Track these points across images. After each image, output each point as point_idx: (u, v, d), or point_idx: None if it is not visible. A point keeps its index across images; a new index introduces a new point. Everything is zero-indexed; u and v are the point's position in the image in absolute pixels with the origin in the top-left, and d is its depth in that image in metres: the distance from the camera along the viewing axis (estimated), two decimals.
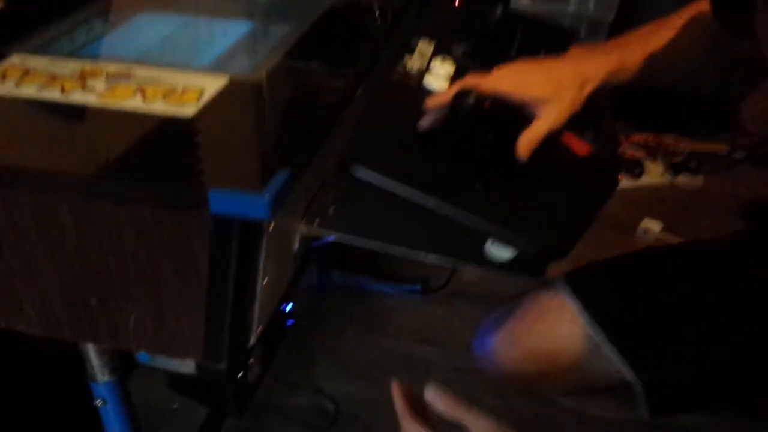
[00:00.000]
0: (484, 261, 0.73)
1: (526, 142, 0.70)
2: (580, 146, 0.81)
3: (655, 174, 1.79)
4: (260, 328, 0.74)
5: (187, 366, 0.85)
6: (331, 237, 0.76)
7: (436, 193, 0.69)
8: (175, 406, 1.27)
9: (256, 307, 0.70)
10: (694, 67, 0.87)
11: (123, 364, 0.85)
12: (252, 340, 0.73)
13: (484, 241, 0.71)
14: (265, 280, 0.70)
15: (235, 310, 0.68)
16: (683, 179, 1.80)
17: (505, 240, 0.69)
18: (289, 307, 1.01)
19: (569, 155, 0.79)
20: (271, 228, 0.66)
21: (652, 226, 1.63)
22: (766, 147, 1.86)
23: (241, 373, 0.89)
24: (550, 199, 0.74)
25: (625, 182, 1.79)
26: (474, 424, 0.66)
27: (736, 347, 0.74)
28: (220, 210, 0.59)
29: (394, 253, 0.74)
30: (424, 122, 0.75)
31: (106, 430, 0.86)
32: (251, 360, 0.92)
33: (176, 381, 0.98)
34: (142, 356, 0.85)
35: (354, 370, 1.38)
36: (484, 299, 1.52)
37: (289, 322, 1.02)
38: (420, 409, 0.72)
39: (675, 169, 1.80)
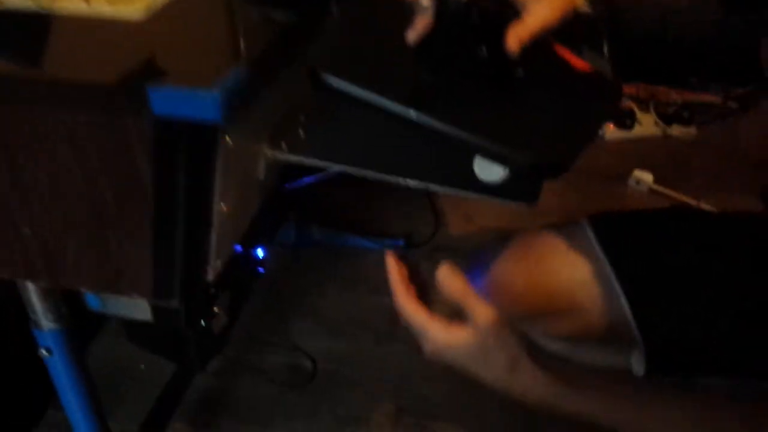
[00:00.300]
0: (470, 184, 0.65)
1: (516, 35, 0.62)
2: (577, 62, 0.73)
3: (647, 125, 1.72)
4: (220, 263, 0.66)
5: (142, 311, 0.77)
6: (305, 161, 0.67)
7: (417, 104, 0.61)
8: (142, 367, 1.19)
9: (213, 237, 0.62)
10: None
11: (71, 311, 0.76)
12: (210, 276, 0.65)
13: (470, 162, 0.63)
14: (224, 206, 0.62)
15: (189, 238, 0.60)
16: (676, 130, 1.73)
17: (494, 154, 0.60)
18: (261, 252, 0.93)
19: (567, 68, 0.71)
20: (228, 142, 0.57)
21: (644, 177, 1.56)
22: (759, 96, 1.79)
23: (203, 321, 0.80)
24: (545, 112, 0.66)
25: (615, 133, 1.72)
26: (477, 312, 0.61)
27: (744, 323, 0.70)
28: (163, 111, 0.50)
29: (371, 177, 0.66)
30: (412, 34, 0.66)
31: (54, 384, 0.78)
32: (216, 309, 0.84)
33: (135, 332, 0.90)
34: (93, 301, 0.77)
35: (334, 327, 1.31)
36: (467, 253, 1.45)
37: (261, 270, 0.94)
38: (416, 282, 0.67)
39: (667, 119, 1.73)
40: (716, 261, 0.74)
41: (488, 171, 0.63)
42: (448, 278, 0.63)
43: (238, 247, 0.87)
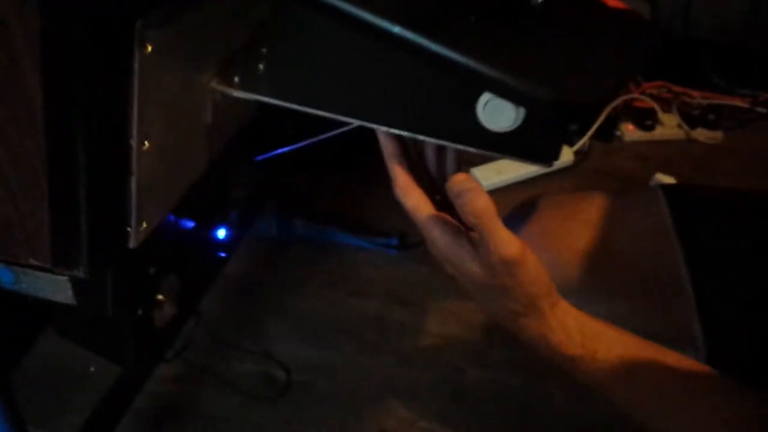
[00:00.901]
0: (472, 136, 0.50)
1: None
2: None
3: (669, 126, 1.58)
4: (146, 226, 0.51)
5: (62, 291, 0.61)
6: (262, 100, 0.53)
7: (407, 21, 0.46)
8: (92, 369, 1.04)
9: (133, 184, 0.47)
10: None
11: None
12: (132, 241, 0.50)
13: (473, 106, 0.49)
14: (147, 144, 0.47)
15: (97, 185, 0.45)
16: (700, 134, 1.58)
17: (507, 90, 0.46)
18: (222, 233, 0.79)
19: (596, 3, 0.57)
20: (148, 51, 0.43)
21: (666, 180, 1.41)
22: None
23: (140, 310, 0.65)
24: (569, 46, 0.51)
25: (635, 134, 1.58)
26: (497, 241, 0.48)
27: None
28: None
29: (343, 120, 0.52)
30: None
31: None
32: (159, 296, 0.69)
33: (65, 323, 0.75)
34: (4, 275, 0.62)
35: (313, 333, 1.15)
36: None
37: (223, 254, 0.80)
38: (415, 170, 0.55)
39: (691, 122, 1.58)
40: None
41: (496, 115, 0.49)
42: (466, 187, 0.48)
43: (190, 222, 0.72)
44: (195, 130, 0.54)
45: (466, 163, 0.56)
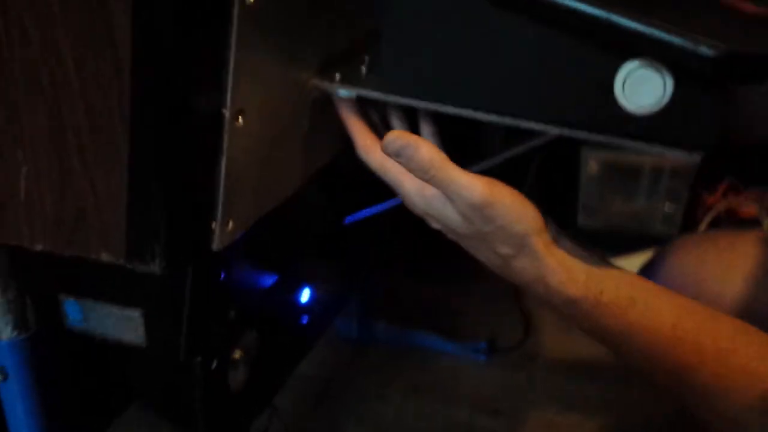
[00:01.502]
0: (610, 124, 0.43)
1: None
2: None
3: None
4: (233, 227, 0.45)
5: (132, 329, 0.55)
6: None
7: None
8: None
9: (223, 166, 0.42)
10: None
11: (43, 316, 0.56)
12: (216, 241, 0.44)
13: (609, 85, 0.42)
14: (242, 122, 0.42)
15: (180, 153, 0.40)
16: None
17: (661, 46, 0.38)
18: (307, 294, 0.71)
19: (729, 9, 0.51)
20: (250, 1, 0.39)
21: None
22: None
23: (215, 361, 0.58)
24: (717, 13, 0.45)
25: None
26: (460, 187, 0.43)
27: None
28: None
29: (464, 115, 0.46)
30: None
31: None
32: (236, 351, 0.61)
33: (140, 389, 0.68)
34: (73, 312, 0.56)
35: None
36: (568, 366, 1.19)
37: (305, 319, 0.72)
38: None
39: None
40: None
41: (639, 91, 0.42)
42: (404, 142, 0.42)
43: (273, 275, 0.66)
44: (291, 132, 0.49)
45: (609, 251, 0.50)
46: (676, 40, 0.38)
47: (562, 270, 0.45)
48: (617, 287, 0.46)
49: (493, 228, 0.44)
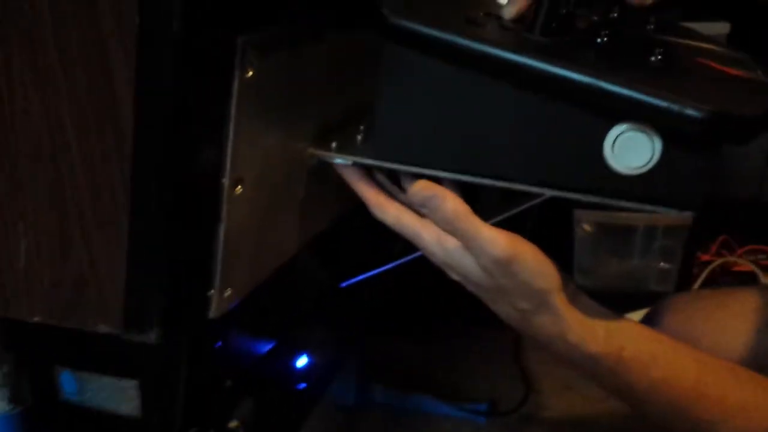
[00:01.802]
0: (599, 184, 0.44)
1: None
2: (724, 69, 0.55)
3: None
4: (231, 294, 0.45)
5: (128, 400, 0.54)
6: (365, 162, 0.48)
7: (530, 51, 0.42)
8: None
9: (221, 234, 0.42)
10: None
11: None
12: (213, 309, 0.44)
13: (601, 144, 0.43)
14: (241, 190, 0.42)
15: (180, 221, 0.40)
16: None
17: (650, 110, 0.39)
18: (303, 361, 0.71)
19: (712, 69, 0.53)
20: (249, 74, 0.40)
21: None
22: None
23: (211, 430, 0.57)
24: (706, 80, 0.46)
25: None
26: (483, 241, 0.43)
27: None
28: None
29: (457, 179, 0.47)
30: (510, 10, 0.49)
31: None
32: (232, 421, 0.61)
33: None
34: (68, 385, 0.55)
35: None
36: (569, 426, 1.17)
37: (302, 385, 0.71)
38: None
39: None
40: None
41: (628, 152, 0.43)
42: (429, 193, 0.44)
43: (269, 342, 0.65)
44: (288, 200, 0.50)
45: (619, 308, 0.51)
46: (663, 103, 0.39)
47: (582, 326, 0.45)
48: (637, 343, 0.46)
49: (514, 283, 0.44)
